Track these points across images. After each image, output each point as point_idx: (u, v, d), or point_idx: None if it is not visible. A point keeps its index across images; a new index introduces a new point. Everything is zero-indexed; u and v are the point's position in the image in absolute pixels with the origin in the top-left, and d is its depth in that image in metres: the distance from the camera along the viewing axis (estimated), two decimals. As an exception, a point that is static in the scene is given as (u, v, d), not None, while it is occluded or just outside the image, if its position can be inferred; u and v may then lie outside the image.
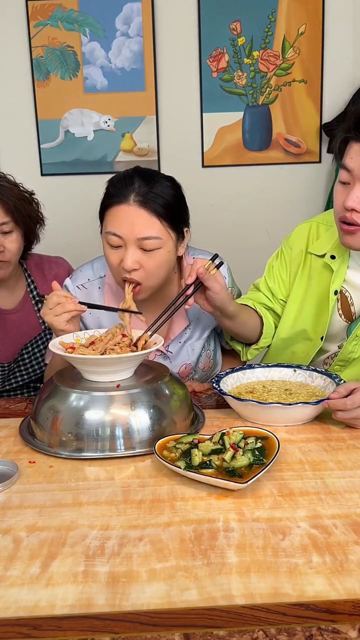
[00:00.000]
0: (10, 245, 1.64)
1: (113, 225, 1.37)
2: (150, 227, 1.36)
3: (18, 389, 1.84)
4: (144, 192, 1.36)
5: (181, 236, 1.45)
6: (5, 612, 0.74)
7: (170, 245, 1.41)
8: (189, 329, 1.58)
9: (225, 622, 0.72)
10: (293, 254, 1.57)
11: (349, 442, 1.18)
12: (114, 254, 1.40)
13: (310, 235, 1.56)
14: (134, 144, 2.82)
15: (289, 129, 2.82)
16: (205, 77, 2.76)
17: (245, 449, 1.07)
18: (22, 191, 1.69)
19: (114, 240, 1.38)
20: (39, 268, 1.82)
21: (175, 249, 1.44)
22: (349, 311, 1.48)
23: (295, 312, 1.55)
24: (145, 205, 1.35)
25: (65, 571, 0.82)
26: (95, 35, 2.72)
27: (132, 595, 0.77)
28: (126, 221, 1.36)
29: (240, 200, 2.87)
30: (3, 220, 1.61)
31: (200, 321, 1.59)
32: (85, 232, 2.76)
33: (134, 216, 1.35)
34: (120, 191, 1.38)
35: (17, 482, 1.06)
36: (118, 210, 1.37)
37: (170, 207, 1.39)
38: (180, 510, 0.96)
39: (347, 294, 1.48)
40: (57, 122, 2.80)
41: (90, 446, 1.14)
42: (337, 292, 1.47)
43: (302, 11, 2.69)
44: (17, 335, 1.77)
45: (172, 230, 1.40)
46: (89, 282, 1.55)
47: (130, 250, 1.36)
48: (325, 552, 0.84)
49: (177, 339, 1.57)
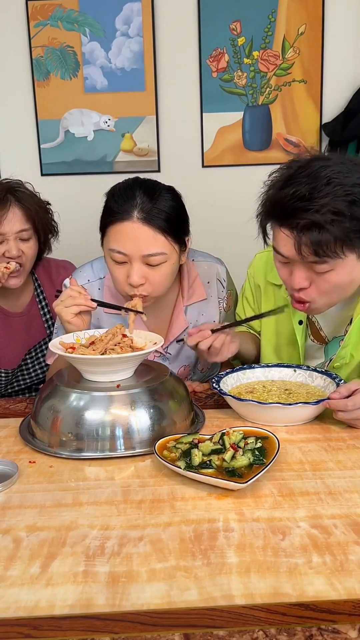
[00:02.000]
0: (27, 252, 1.65)
1: (117, 243, 1.36)
2: (155, 244, 1.36)
3: (20, 393, 1.84)
4: (148, 209, 1.35)
5: (183, 246, 1.46)
6: (5, 612, 0.74)
7: (174, 258, 1.42)
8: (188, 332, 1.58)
9: (225, 622, 0.72)
10: (255, 284, 1.58)
11: (349, 442, 1.18)
12: (119, 270, 1.40)
13: (268, 265, 1.55)
14: (134, 144, 2.82)
15: (289, 129, 2.82)
16: (205, 77, 2.76)
17: (245, 449, 1.07)
18: (40, 200, 1.71)
19: (118, 257, 1.38)
20: (46, 272, 1.82)
21: (178, 259, 1.45)
22: (319, 336, 1.47)
23: (272, 347, 1.56)
24: (149, 222, 1.34)
25: (65, 571, 0.82)
26: (95, 35, 2.72)
27: (132, 595, 0.77)
28: (130, 239, 1.35)
29: (240, 200, 2.86)
30: (24, 227, 1.62)
31: (198, 323, 1.59)
32: (86, 233, 2.75)
33: (139, 233, 1.34)
34: (122, 207, 1.36)
35: (17, 482, 1.06)
36: (122, 227, 1.35)
37: (173, 221, 1.39)
38: (180, 510, 0.96)
39: (314, 319, 1.46)
40: (57, 122, 2.80)
41: (90, 446, 1.14)
42: (301, 322, 1.46)
43: (302, 11, 2.69)
44: (23, 338, 1.77)
45: (176, 243, 1.41)
46: (88, 282, 1.55)
47: (136, 266, 1.37)
48: (325, 552, 0.84)
49: (176, 340, 1.57)
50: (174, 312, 1.56)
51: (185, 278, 1.57)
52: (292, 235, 1.19)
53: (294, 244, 1.19)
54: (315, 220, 1.15)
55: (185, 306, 1.57)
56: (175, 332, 1.56)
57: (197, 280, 1.58)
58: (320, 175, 1.16)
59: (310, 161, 1.22)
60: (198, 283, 1.58)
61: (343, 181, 1.16)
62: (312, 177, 1.17)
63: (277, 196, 1.21)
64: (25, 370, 1.79)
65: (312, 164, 1.20)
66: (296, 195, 1.16)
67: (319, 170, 1.17)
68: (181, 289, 1.57)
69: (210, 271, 1.60)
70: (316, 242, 1.16)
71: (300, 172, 1.20)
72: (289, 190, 1.17)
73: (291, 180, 1.19)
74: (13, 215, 1.60)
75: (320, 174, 1.17)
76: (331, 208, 1.14)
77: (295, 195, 1.16)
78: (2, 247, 1.61)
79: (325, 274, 1.22)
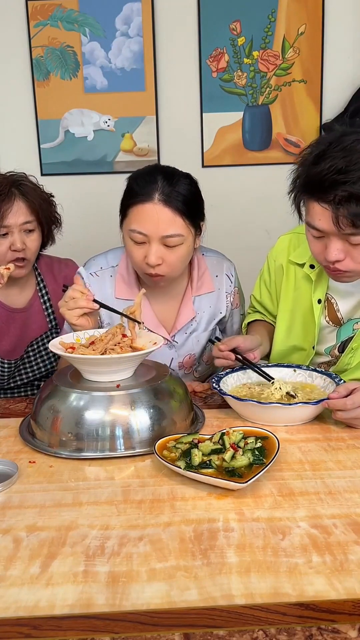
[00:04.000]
0: (31, 244, 1.69)
1: (138, 223, 1.42)
2: (174, 225, 1.42)
3: (22, 387, 1.84)
4: (168, 192, 1.41)
5: (199, 230, 1.52)
6: (5, 612, 0.74)
7: (190, 240, 1.47)
8: (195, 321, 1.62)
9: (225, 622, 0.72)
10: (277, 265, 1.59)
11: (349, 442, 1.18)
12: (137, 250, 1.45)
13: (291, 246, 1.57)
14: (134, 144, 2.82)
15: (289, 129, 2.82)
16: (205, 77, 2.76)
17: (245, 448, 1.07)
18: (43, 192, 1.74)
19: (138, 237, 1.43)
20: (49, 269, 1.84)
21: (193, 243, 1.51)
22: (335, 317, 1.48)
23: (286, 326, 1.56)
24: (169, 204, 1.41)
25: (65, 571, 0.82)
26: (95, 35, 2.72)
27: (132, 595, 0.77)
28: (151, 219, 1.41)
29: (240, 200, 2.87)
30: (27, 219, 1.65)
31: (205, 314, 1.63)
32: (86, 232, 2.76)
33: (159, 215, 1.41)
34: (144, 190, 1.42)
35: (17, 482, 1.06)
36: (143, 209, 1.41)
37: (190, 204, 1.45)
38: (180, 510, 0.96)
39: (333, 300, 1.47)
40: (57, 122, 2.80)
41: (90, 446, 1.14)
42: (320, 301, 1.47)
43: (302, 11, 2.69)
44: (24, 333, 1.78)
45: (192, 226, 1.47)
46: (101, 270, 1.60)
47: (154, 246, 1.42)
48: (325, 552, 0.84)
49: (183, 329, 1.61)
50: (183, 301, 1.61)
51: (195, 269, 1.62)
52: (330, 208, 1.20)
53: (331, 217, 1.20)
54: (354, 192, 1.16)
55: (193, 297, 1.62)
56: (183, 321, 1.60)
57: (206, 272, 1.64)
58: (355, 148, 1.18)
59: (342, 135, 1.22)
60: (207, 276, 1.63)
61: None
62: (347, 150, 1.18)
63: (313, 171, 1.21)
64: (27, 363, 1.80)
65: (344, 138, 1.21)
66: (333, 169, 1.17)
67: (354, 144, 1.19)
68: (190, 280, 1.62)
69: (219, 265, 1.66)
70: (355, 214, 1.17)
71: (334, 146, 1.20)
72: (325, 165, 1.18)
73: (326, 155, 1.20)
74: (17, 208, 1.64)
75: (356, 147, 1.18)
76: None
77: (332, 169, 1.17)
78: (7, 239, 1.64)
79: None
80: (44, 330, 1.81)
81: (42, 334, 1.80)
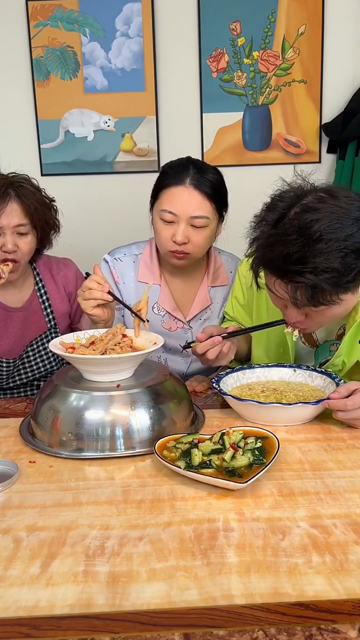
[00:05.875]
0: (23, 247, 1.68)
1: (169, 204, 1.56)
2: (202, 207, 1.56)
3: (22, 387, 1.84)
4: (198, 177, 1.56)
5: (222, 218, 1.65)
6: (5, 612, 0.74)
7: (214, 225, 1.61)
8: (210, 309, 1.75)
9: (225, 622, 0.72)
10: (247, 283, 1.58)
11: (349, 442, 1.18)
12: (166, 229, 1.58)
13: None
14: (134, 144, 2.82)
15: (289, 129, 2.82)
16: (205, 78, 2.76)
17: (245, 448, 1.07)
18: (43, 196, 1.73)
19: (168, 217, 1.56)
20: (47, 269, 1.85)
21: (216, 229, 1.64)
22: (311, 339, 1.48)
23: (264, 349, 1.57)
24: (199, 187, 1.56)
25: (65, 571, 0.82)
26: (95, 36, 2.72)
27: (132, 595, 0.77)
28: (181, 200, 1.55)
29: (240, 200, 2.86)
30: (21, 221, 1.65)
31: (219, 305, 1.76)
32: (86, 232, 2.76)
33: (189, 196, 1.55)
34: (177, 175, 1.58)
35: (17, 482, 1.06)
36: (175, 191, 1.56)
37: (217, 191, 1.60)
38: (180, 510, 0.96)
39: None
40: (57, 122, 2.80)
41: (90, 446, 1.14)
42: None
43: (302, 11, 2.69)
44: (23, 332, 1.78)
45: (217, 212, 1.60)
46: (125, 256, 1.74)
47: (182, 226, 1.56)
48: (325, 552, 0.84)
49: (198, 315, 1.73)
50: (200, 289, 1.74)
51: (212, 262, 1.75)
52: (287, 288, 1.18)
53: (288, 295, 1.19)
54: (309, 282, 1.13)
55: (209, 287, 1.75)
56: (199, 308, 1.73)
57: (221, 267, 1.77)
58: (310, 232, 1.11)
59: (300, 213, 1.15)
60: (222, 270, 1.77)
61: (335, 235, 1.11)
62: (302, 234, 1.11)
63: (268, 255, 1.17)
64: (27, 362, 1.80)
65: (301, 216, 1.14)
66: (289, 258, 1.13)
67: (309, 225, 1.12)
68: (207, 271, 1.75)
69: (234, 263, 1.79)
70: (311, 296, 1.16)
71: (289, 225, 1.14)
72: (281, 250, 1.13)
73: (281, 237, 1.14)
74: (11, 210, 1.63)
75: (312, 229, 1.11)
76: (325, 267, 1.11)
77: (287, 257, 1.13)
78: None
79: (321, 310, 1.22)
80: (43, 330, 1.81)
81: (42, 333, 1.80)
